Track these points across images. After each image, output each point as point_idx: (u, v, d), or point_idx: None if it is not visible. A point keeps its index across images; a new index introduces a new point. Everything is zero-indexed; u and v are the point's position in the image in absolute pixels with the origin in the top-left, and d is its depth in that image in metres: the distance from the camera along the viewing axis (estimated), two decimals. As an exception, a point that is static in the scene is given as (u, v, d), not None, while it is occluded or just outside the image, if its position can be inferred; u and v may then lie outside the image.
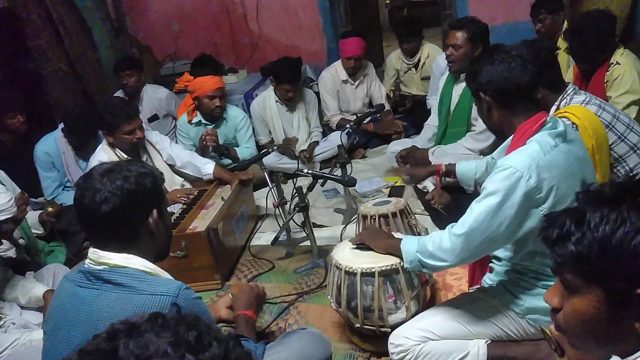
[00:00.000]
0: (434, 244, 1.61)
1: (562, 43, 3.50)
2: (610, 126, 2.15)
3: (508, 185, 1.48)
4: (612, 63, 2.69)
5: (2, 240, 2.30)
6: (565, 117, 2.06)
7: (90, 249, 1.35)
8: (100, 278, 1.30)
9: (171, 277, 1.40)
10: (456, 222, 1.61)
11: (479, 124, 2.96)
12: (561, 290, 0.89)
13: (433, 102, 3.46)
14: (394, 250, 1.79)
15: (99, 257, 1.31)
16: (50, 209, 2.68)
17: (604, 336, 0.85)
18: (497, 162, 2.01)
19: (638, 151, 2.20)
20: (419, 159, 3.09)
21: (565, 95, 2.20)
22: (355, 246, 1.97)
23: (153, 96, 4.11)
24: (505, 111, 1.65)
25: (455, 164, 2.29)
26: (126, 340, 0.61)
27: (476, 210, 1.53)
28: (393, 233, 1.98)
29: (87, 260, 1.34)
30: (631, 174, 2.19)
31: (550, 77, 2.17)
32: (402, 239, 1.77)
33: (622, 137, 2.17)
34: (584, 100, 2.17)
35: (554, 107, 2.19)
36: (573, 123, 2.02)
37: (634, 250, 0.78)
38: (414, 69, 4.42)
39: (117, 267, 1.30)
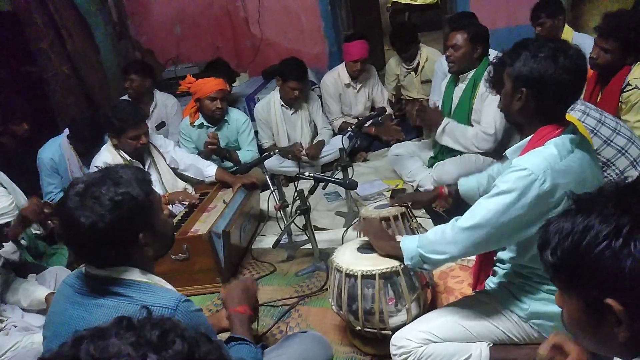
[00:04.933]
0: (435, 234, 1.60)
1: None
2: (595, 131, 2.15)
3: (521, 186, 1.46)
4: (630, 84, 2.65)
5: (7, 243, 2.31)
6: None
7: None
8: (99, 286, 1.28)
9: (171, 287, 1.38)
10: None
11: (487, 126, 2.96)
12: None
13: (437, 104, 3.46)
14: (395, 252, 1.79)
15: (97, 272, 1.30)
16: (46, 210, 2.64)
17: (596, 338, 0.86)
18: (504, 163, 2.02)
19: (626, 153, 2.20)
20: (430, 119, 3.11)
21: None
22: (358, 245, 1.98)
23: (162, 103, 4.10)
24: (535, 114, 1.58)
25: (456, 185, 2.25)
26: (87, 345, 0.61)
27: (484, 207, 1.52)
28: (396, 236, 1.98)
29: (84, 266, 1.33)
30: (622, 177, 2.20)
31: None
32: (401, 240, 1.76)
33: (608, 141, 2.17)
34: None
35: None
36: None
37: (597, 258, 0.78)
38: (413, 73, 4.44)
39: (116, 279, 1.29)
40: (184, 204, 2.98)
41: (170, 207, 3.04)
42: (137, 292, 1.27)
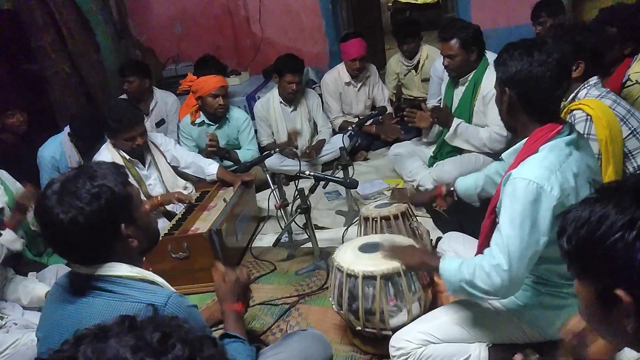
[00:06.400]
0: (482, 280, 1.49)
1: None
2: (625, 120, 2.15)
3: (533, 201, 1.44)
4: (631, 79, 2.64)
5: (4, 230, 2.36)
6: (579, 108, 2.07)
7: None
8: (88, 284, 1.28)
9: (163, 281, 1.37)
10: (457, 224, 1.60)
11: (500, 127, 2.95)
12: None
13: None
14: (428, 269, 1.75)
15: (84, 271, 1.30)
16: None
17: (607, 327, 0.87)
18: (503, 163, 2.01)
19: None
20: (442, 119, 3.09)
21: (586, 85, 2.18)
22: (359, 244, 1.99)
23: (162, 100, 4.10)
24: (524, 114, 1.59)
25: (454, 185, 2.25)
26: (86, 346, 0.60)
27: (508, 236, 1.47)
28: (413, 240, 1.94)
29: (75, 266, 1.33)
30: (638, 172, 2.19)
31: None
32: (439, 259, 1.64)
33: (635, 133, 2.17)
34: (599, 95, 2.17)
35: (571, 95, 2.19)
36: (587, 114, 2.02)
37: (610, 248, 0.79)
38: (413, 71, 4.43)
39: (102, 276, 1.28)
40: (181, 205, 2.97)
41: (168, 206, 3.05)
42: (125, 288, 1.26)
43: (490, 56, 3.13)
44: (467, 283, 1.53)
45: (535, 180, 1.45)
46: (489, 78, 2.94)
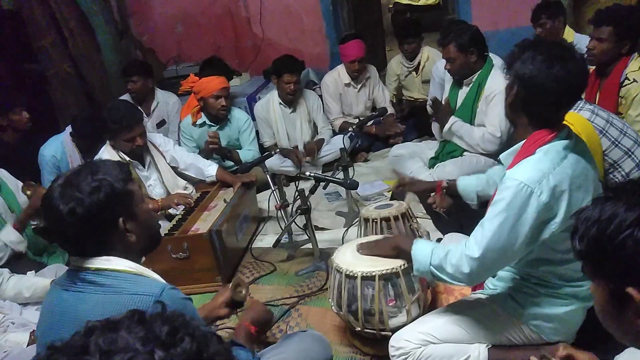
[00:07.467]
0: (452, 265, 1.56)
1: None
2: (604, 132, 2.15)
3: (520, 202, 1.45)
4: (629, 78, 2.65)
5: (14, 233, 2.43)
6: None
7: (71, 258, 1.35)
8: (84, 279, 1.29)
9: (158, 277, 1.38)
10: (457, 225, 1.61)
11: (494, 128, 2.97)
12: None
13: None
14: (402, 252, 1.79)
15: (81, 263, 1.31)
16: (29, 192, 2.60)
17: (620, 327, 0.87)
18: (503, 166, 2.02)
19: (632, 155, 2.20)
20: (442, 113, 3.14)
21: None
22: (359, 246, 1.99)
23: (163, 101, 4.11)
24: (525, 116, 1.58)
25: (455, 181, 2.26)
26: (97, 337, 0.61)
27: (489, 230, 1.49)
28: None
29: (71, 263, 1.35)
30: (627, 179, 2.20)
31: None
32: (412, 242, 1.71)
33: (616, 143, 2.17)
34: (576, 107, 2.17)
35: None
36: None
37: (620, 246, 0.79)
38: (414, 73, 4.43)
39: (99, 269, 1.30)
40: (180, 207, 2.97)
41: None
42: (122, 281, 1.28)
43: (494, 59, 3.13)
44: (436, 267, 1.59)
45: (526, 182, 1.45)
46: (494, 79, 2.95)
